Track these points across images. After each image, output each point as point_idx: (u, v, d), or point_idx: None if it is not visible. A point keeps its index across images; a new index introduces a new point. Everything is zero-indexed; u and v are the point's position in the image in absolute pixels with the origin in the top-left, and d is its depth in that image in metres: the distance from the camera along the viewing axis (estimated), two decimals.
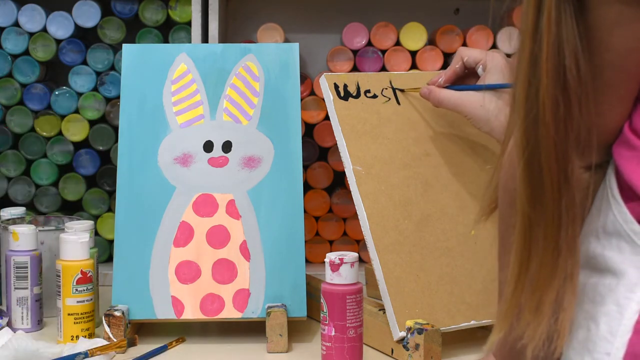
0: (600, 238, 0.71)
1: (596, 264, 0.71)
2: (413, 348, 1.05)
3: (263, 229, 1.20)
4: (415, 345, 1.05)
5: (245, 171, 1.22)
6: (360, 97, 1.20)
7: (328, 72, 1.28)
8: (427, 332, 1.05)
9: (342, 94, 1.19)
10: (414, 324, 1.06)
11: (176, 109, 1.25)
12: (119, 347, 1.10)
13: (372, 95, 1.21)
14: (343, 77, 1.21)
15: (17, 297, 1.21)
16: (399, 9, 1.56)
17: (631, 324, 0.68)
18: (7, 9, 1.48)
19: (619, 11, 0.67)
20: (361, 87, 1.21)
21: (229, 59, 1.27)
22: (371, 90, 1.21)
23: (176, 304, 1.16)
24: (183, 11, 1.49)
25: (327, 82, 1.20)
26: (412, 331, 1.06)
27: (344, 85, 1.20)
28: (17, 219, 1.31)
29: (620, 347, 0.68)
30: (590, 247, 0.72)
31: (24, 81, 1.48)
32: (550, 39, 0.68)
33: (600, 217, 0.72)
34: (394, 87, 1.23)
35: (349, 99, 1.20)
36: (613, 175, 0.72)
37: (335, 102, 1.18)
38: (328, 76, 1.20)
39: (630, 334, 0.67)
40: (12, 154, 1.49)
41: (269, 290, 1.17)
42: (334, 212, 1.51)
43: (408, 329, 1.06)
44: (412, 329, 1.06)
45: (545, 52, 0.68)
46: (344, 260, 1.04)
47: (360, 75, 1.22)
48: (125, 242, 1.19)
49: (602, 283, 0.70)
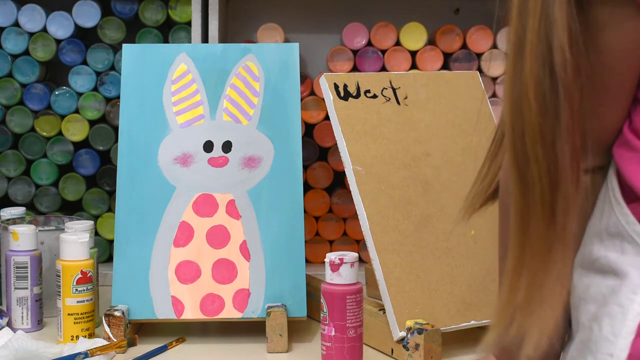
0: (603, 240, 0.71)
1: (599, 266, 0.71)
2: (413, 348, 1.05)
3: (263, 229, 1.20)
4: (415, 345, 1.05)
5: (245, 171, 1.22)
6: (360, 97, 1.20)
7: (328, 72, 1.28)
8: (427, 332, 1.05)
9: (342, 94, 1.19)
10: (414, 324, 1.06)
11: (176, 109, 1.25)
12: (119, 347, 1.10)
13: (372, 95, 1.21)
14: (343, 77, 1.21)
15: (17, 297, 1.21)
16: (399, 9, 1.56)
17: (634, 326, 0.67)
18: (7, 9, 1.48)
19: (611, 11, 0.67)
20: (361, 87, 1.21)
21: (229, 59, 1.27)
22: (371, 90, 1.21)
23: (176, 304, 1.16)
24: (183, 11, 1.49)
25: (327, 82, 1.19)
26: (412, 331, 1.06)
27: (344, 85, 1.20)
28: (17, 219, 1.31)
29: (623, 349, 0.67)
30: (593, 248, 0.72)
31: (24, 81, 1.48)
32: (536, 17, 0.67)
33: (603, 219, 0.72)
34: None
35: (349, 99, 1.19)
36: (614, 176, 0.72)
37: (335, 102, 1.18)
38: (328, 76, 1.20)
39: (634, 336, 0.67)
40: (12, 154, 1.49)
41: (269, 290, 1.17)
42: (334, 212, 1.51)
43: (408, 329, 1.06)
44: (412, 329, 1.06)
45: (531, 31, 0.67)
46: (344, 260, 1.04)
47: (360, 75, 1.22)
48: (125, 242, 1.19)
49: (605, 284, 0.70)
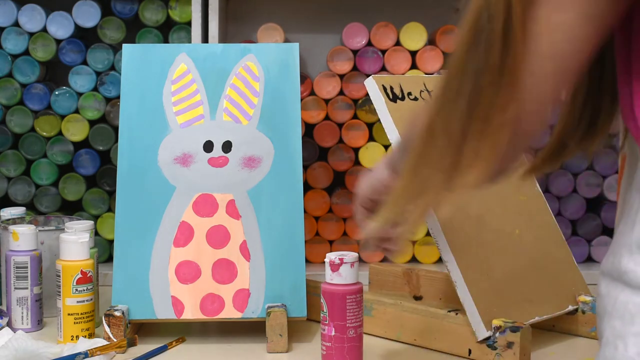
0: (633, 253, 0.69)
1: (628, 280, 0.69)
2: (504, 346, 1.05)
3: (263, 229, 1.20)
4: (507, 344, 1.05)
5: (245, 171, 1.22)
6: (405, 100, 1.19)
7: (377, 74, 1.25)
8: (523, 330, 1.05)
9: (391, 96, 1.18)
10: (503, 323, 1.06)
11: (176, 109, 1.25)
12: (119, 347, 1.10)
13: (413, 97, 1.20)
14: (388, 79, 1.19)
15: (17, 297, 1.21)
16: (399, 9, 1.56)
17: None
18: (7, 9, 1.48)
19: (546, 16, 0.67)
20: (403, 90, 1.20)
21: (229, 59, 1.27)
22: (412, 92, 1.20)
23: (176, 304, 1.17)
24: (183, 11, 1.49)
25: (377, 84, 1.17)
26: (502, 330, 1.06)
27: (390, 87, 1.18)
28: (17, 219, 1.31)
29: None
30: (622, 260, 0.70)
31: (24, 81, 1.48)
32: None
33: (634, 232, 0.69)
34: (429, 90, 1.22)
35: (397, 101, 1.18)
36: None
37: (387, 104, 1.17)
38: (376, 78, 1.18)
39: None
40: (12, 154, 1.49)
41: (269, 290, 1.17)
42: (334, 212, 1.51)
43: (497, 328, 1.06)
44: (502, 327, 1.06)
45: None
46: (344, 260, 1.04)
47: (401, 78, 1.21)
48: (125, 242, 1.19)
49: (633, 301, 0.68)
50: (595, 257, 1.53)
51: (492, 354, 1.06)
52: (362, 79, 1.49)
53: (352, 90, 1.50)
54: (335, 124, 1.49)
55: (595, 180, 1.53)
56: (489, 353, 1.07)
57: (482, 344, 1.08)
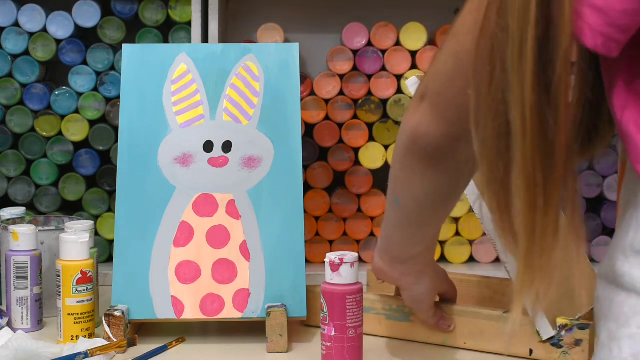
0: (628, 256, 0.69)
1: (623, 282, 0.69)
2: (571, 344, 1.05)
3: (263, 229, 1.20)
4: (574, 342, 1.05)
5: (245, 171, 1.22)
6: None
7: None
8: (591, 327, 1.05)
9: None
10: (569, 321, 1.06)
11: (176, 109, 1.25)
12: (119, 347, 1.10)
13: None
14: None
15: (17, 297, 1.21)
16: (399, 9, 1.56)
17: None
18: (7, 9, 1.48)
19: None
20: None
21: (229, 59, 1.27)
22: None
23: (176, 304, 1.17)
24: (183, 11, 1.49)
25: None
26: (568, 328, 1.06)
27: None
28: (17, 219, 1.31)
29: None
30: (617, 263, 0.70)
31: (24, 81, 1.48)
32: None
33: (629, 234, 0.69)
34: None
35: None
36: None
37: None
38: (420, 77, 1.17)
39: None
40: (12, 154, 1.49)
41: (269, 290, 1.17)
42: (334, 212, 1.51)
43: (563, 326, 1.06)
44: (568, 325, 1.06)
45: None
46: (344, 260, 1.04)
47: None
48: (125, 242, 1.19)
49: (628, 303, 0.68)
50: (595, 257, 1.53)
51: (558, 352, 1.06)
52: (362, 79, 1.49)
53: (352, 90, 1.50)
54: (335, 124, 1.49)
55: (595, 180, 1.53)
56: (553, 352, 1.06)
57: (545, 343, 1.07)
